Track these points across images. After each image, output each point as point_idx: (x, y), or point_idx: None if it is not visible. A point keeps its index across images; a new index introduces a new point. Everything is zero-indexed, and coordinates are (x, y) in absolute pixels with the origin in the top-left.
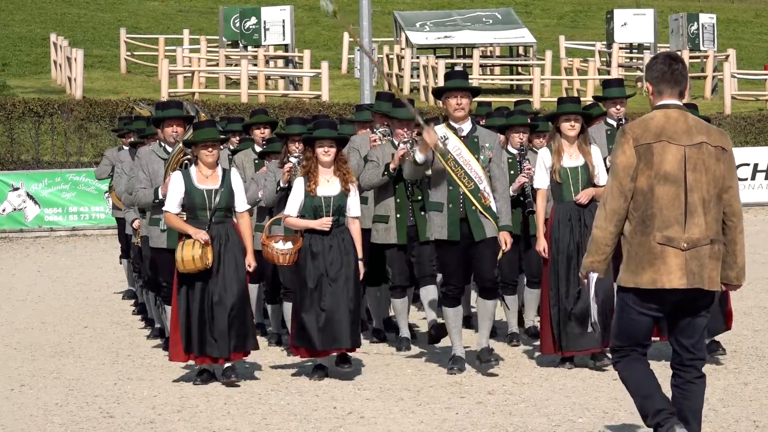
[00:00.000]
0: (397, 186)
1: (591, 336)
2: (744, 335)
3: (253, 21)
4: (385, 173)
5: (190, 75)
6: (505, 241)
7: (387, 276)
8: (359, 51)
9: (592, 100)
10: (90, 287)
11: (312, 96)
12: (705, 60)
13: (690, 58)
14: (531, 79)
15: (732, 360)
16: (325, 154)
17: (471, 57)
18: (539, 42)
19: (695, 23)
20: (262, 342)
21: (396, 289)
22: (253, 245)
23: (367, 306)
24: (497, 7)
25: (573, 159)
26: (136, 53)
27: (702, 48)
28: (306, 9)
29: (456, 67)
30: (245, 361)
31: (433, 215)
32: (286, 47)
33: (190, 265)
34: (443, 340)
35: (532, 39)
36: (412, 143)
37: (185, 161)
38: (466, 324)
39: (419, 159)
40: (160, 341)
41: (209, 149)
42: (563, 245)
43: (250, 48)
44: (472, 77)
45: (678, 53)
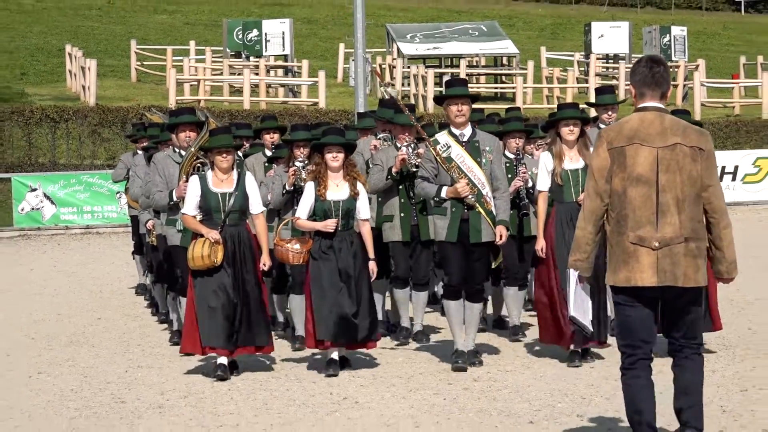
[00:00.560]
0: (400, 187)
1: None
2: None
3: (255, 33)
4: (389, 177)
5: (196, 83)
6: (501, 235)
7: (389, 271)
8: (353, 61)
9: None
10: (103, 281)
11: (310, 103)
12: (676, 70)
13: None
14: (514, 88)
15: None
16: (334, 159)
17: (458, 67)
18: (522, 53)
19: (667, 35)
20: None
21: (398, 281)
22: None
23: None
24: (483, 20)
25: (573, 162)
26: (145, 63)
27: (674, 58)
28: (304, 22)
29: (445, 77)
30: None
31: (437, 219)
32: (285, 57)
33: (199, 262)
34: (444, 332)
35: (515, 50)
36: (413, 147)
37: (198, 164)
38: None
39: (394, 173)
40: (169, 331)
41: (224, 155)
42: (565, 246)
43: (252, 58)
44: None
45: (660, 56)
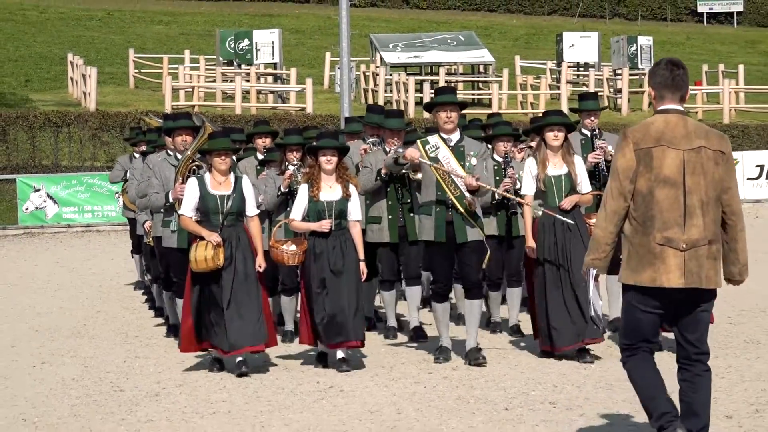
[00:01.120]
0: (389, 189)
1: (578, 330)
2: None
3: (246, 42)
4: (377, 178)
5: (190, 90)
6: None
7: (377, 271)
8: (339, 69)
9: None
10: (102, 277)
11: (298, 108)
12: (643, 77)
13: (630, 75)
14: (490, 94)
15: (665, 342)
16: (328, 162)
17: (437, 74)
18: (497, 61)
19: (634, 45)
20: None
21: (385, 283)
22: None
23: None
24: (461, 31)
25: (557, 168)
26: (143, 71)
27: (640, 66)
28: (293, 32)
29: (425, 84)
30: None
31: (423, 218)
32: (275, 65)
33: (202, 265)
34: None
35: (491, 58)
36: (401, 150)
37: (193, 167)
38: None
39: (401, 161)
40: (165, 325)
41: (222, 157)
42: (548, 247)
43: (243, 66)
44: None
45: (679, 59)
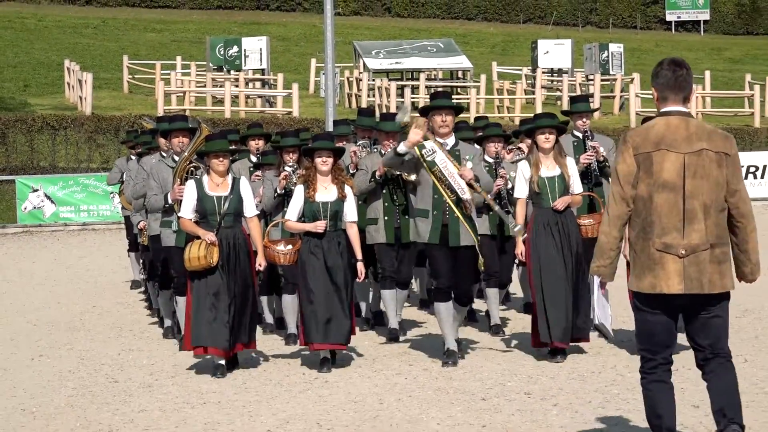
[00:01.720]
0: (384, 191)
1: (574, 329)
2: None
3: (235, 49)
4: (372, 180)
5: (182, 94)
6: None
7: (376, 272)
8: (324, 75)
9: (519, 116)
10: (98, 273)
11: (284, 112)
12: (614, 82)
13: (601, 80)
14: (468, 98)
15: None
16: (323, 163)
17: (418, 80)
18: (475, 67)
19: (606, 51)
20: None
21: (386, 281)
22: None
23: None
24: (440, 38)
25: (550, 170)
26: (136, 76)
27: (611, 72)
28: (280, 39)
29: (406, 89)
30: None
31: (419, 221)
32: (262, 71)
33: (195, 263)
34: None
35: (469, 65)
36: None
37: (191, 168)
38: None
39: (401, 150)
40: (159, 325)
41: (220, 159)
42: (544, 248)
43: (232, 72)
44: (418, 96)
45: (683, 59)
